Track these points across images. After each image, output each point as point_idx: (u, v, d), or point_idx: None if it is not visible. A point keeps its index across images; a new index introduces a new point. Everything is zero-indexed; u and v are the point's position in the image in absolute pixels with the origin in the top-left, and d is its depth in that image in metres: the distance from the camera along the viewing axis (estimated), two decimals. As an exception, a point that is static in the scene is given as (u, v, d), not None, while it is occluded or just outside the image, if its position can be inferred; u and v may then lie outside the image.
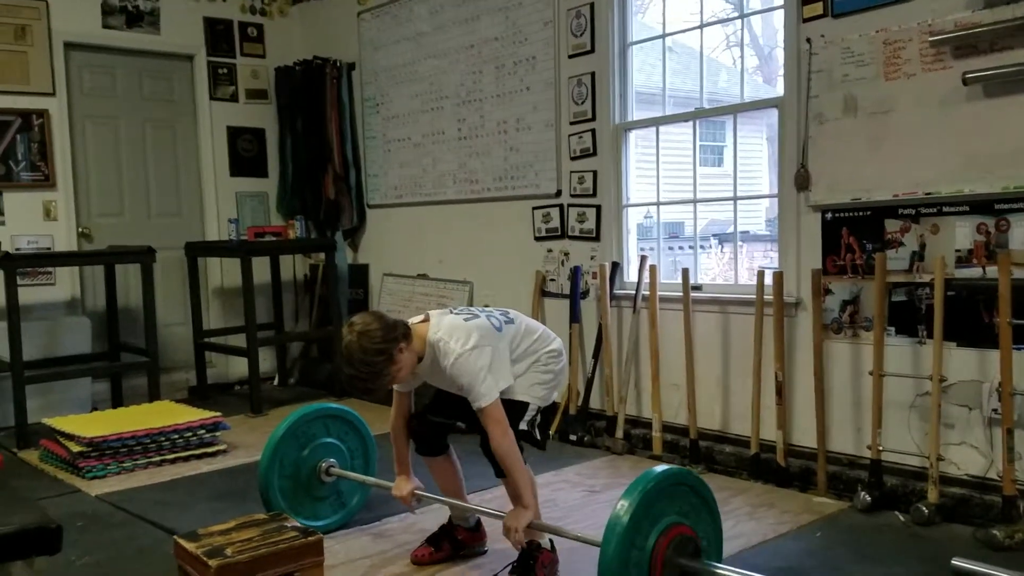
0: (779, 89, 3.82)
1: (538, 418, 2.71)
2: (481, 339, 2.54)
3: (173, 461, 4.14)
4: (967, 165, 3.12)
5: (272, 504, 3.01)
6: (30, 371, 4.58)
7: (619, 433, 4.21)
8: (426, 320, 2.64)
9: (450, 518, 2.91)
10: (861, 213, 3.43)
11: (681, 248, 7.67)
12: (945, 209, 3.20)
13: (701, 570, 2.21)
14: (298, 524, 2.12)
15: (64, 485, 3.87)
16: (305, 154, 6.09)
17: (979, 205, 3.11)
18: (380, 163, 5.86)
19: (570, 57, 4.49)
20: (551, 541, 2.69)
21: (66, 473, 4.02)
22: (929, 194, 3.22)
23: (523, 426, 2.64)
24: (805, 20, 3.54)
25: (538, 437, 2.70)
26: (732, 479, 3.71)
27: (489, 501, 3.27)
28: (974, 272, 3.13)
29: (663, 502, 2.22)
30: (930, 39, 3.16)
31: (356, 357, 2.42)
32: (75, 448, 3.99)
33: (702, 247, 6.29)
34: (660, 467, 2.28)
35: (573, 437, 4.35)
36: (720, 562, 2.35)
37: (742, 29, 4.34)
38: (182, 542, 2.04)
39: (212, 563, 1.90)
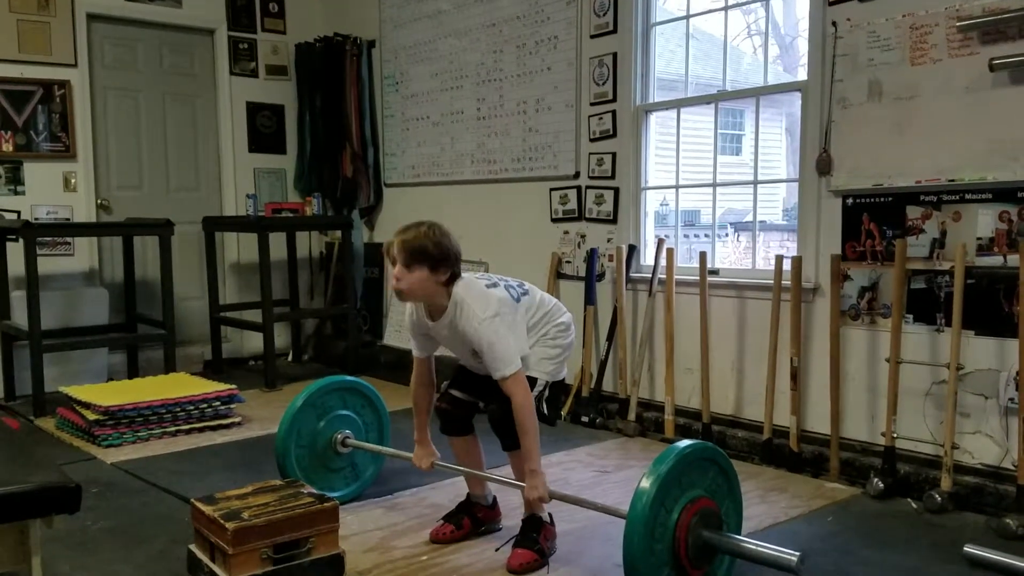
0: (800, 76, 3.79)
1: (546, 392, 2.70)
2: (501, 307, 2.55)
3: (188, 432, 4.18)
4: (991, 152, 3.09)
5: (288, 472, 3.04)
6: (48, 340, 4.63)
7: (631, 416, 4.21)
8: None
9: (468, 496, 2.91)
10: (882, 199, 3.40)
11: (697, 236, 7.65)
12: (967, 196, 3.17)
13: (724, 541, 2.24)
14: (314, 490, 2.13)
15: (80, 452, 3.91)
16: (323, 131, 6.09)
17: (1002, 193, 3.08)
18: (398, 142, 5.86)
19: (592, 37, 4.47)
20: (550, 516, 2.69)
21: (82, 441, 4.06)
22: (952, 181, 3.19)
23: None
24: (831, 3, 3.50)
25: (546, 412, 2.70)
26: (744, 463, 3.71)
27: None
28: (995, 260, 3.11)
29: (693, 474, 2.26)
30: (958, 24, 3.12)
31: (416, 230, 2.55)
32: (91, 416, 4.03)
33: (718, 235, 6.26)
34: (690, 441, 2.32)
35: (585, 419, 4.35)
36: None
37: (767, 13, 4.30)
38: (199, 505, 2.06)
39: (229, 525, 1.92)
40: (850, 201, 3.50)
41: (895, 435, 3.28)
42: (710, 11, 4.19)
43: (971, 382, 3.17)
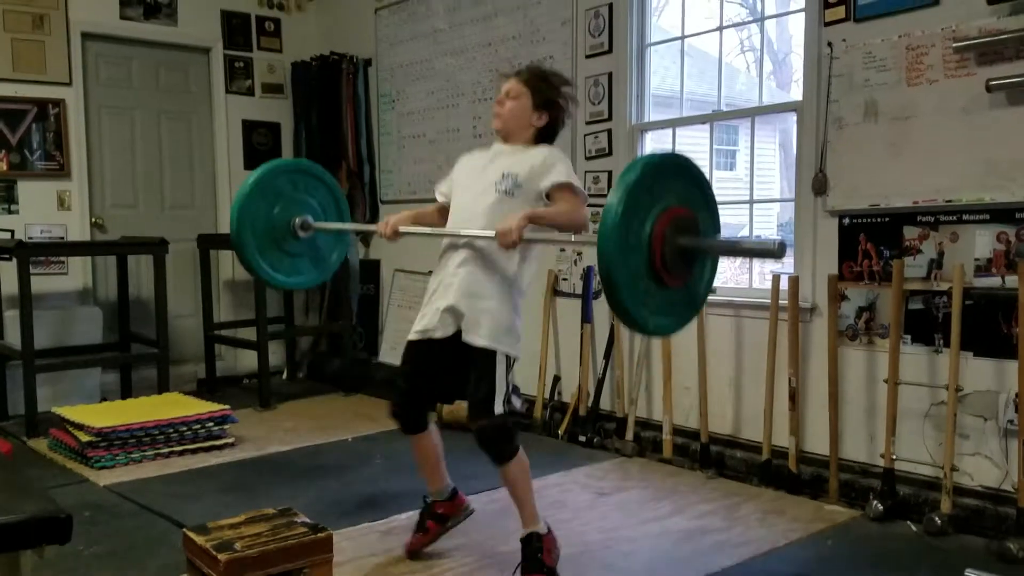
0: (794, 94, 3.79)
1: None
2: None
3: (181, 453, 4.14)
4: (988, 173, 3.09)
5: (252, 265, 3.04)
6: (41, 360, 4.59)
7: (629, 435, 4.18)
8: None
9: (425, 498, 2.91)
10: (879, 219, 3.40)
11: (693, 252, 7.62)
12: (965, 217, 3.17)
13: (701, 243, 2.24)
14: (307, 520, 2.10)
15: (72, 474, 3.88)
16: (320, 149, 6.08)
17: (1000, 213, 3.08)
18: (394, 159, 5.85)
19: (587, 57, 4.48)
20: (547, 524, 2.66)
21: (74, 463, 4.02)
22: (949, 201, 3.19)
23: (504, 406, 2.59)
24: (827, 24, 3.51)
25: (519, 408, 2.67)
26: (743, 485, 3.69)
27: (496, 501, 3.26)
28: (993, 281, 3.10)
29: (664, 183, 2.20)
30: (954, 45, 3.12)
31: (544, 69, 2.79)
32: (84, 438, 3.99)
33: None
34: (659, 151, 2.26)
35: (583, 438, 4.33)
36: None
37: (762, 32, 4.32)
38: (191, 535, 2.04)
39: (221, 557, 1.89)
40: (847, 221, 3.50)
41: (894, 457, 3.26)
42: (705, 32, 4.20)
43: (970, 403, 3.16)
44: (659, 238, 2.16)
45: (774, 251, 2.12)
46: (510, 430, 2.58)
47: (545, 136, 2.74)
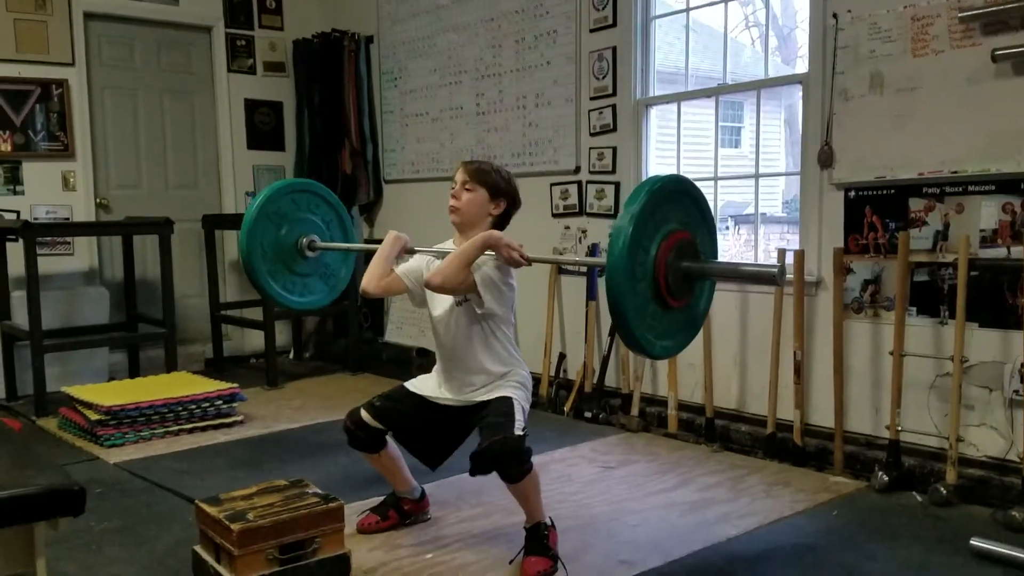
0: (799, 69, 3.77)
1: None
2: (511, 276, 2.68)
3: (190, 431, 4.17)
4: (994, 143, 3.08)
5: (266, 289, 3.10)
6: (49, 340, 4.62)
7: (634, 411, 4.20)
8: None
9: (394, 492, 2.94)
10: (885, 191, 3.39)
11: (697, 229, 7.61)
12: (970, 188, 3.16)
13: (703, 268, 2.30)
14: (318, 491, 2.12)
15: (83, 452, 3.91)
16: (322, 128, 6.07)
17: (1005, 184, 3.07)
18: (397, 138, 5.84)
19: (591, 31, 4.45)
20: (551, 519, 2.67)
21: (84, 441, 4.05)
22: (955, 173, 3.18)
23: (522, 431, 2.56)
24: (832, -5, 3.49)
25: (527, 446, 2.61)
26: (747, 458, 3.71)
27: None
28: (999, 252, 3.10)
29: (665, 208, 2.26)
30: (959, 15, 3.11)
31: (486, 162, 2.78)
32: (93, 416, 4.02)
33: (719, 229, 6.26)
34: (659, 175, 2.33)
35: (588, 415, 4.35)
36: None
37: (767, 7, 4.28)
38: (204, 507, 2.05)
39: (234, 527, 1.91)
40: (852, 194, 3.49)
41: (899, 428, 3.27)
42: (710, 3, 4.17)
43: (975, 374, 3.17)
44: (663, 264, 2.21)
45: (774, 276, 2.20)
46: (527, 451, 2.51)
47: (501, 224, 2.73)
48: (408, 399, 2.81)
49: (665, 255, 2.22)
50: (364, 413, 2.77)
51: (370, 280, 2.80)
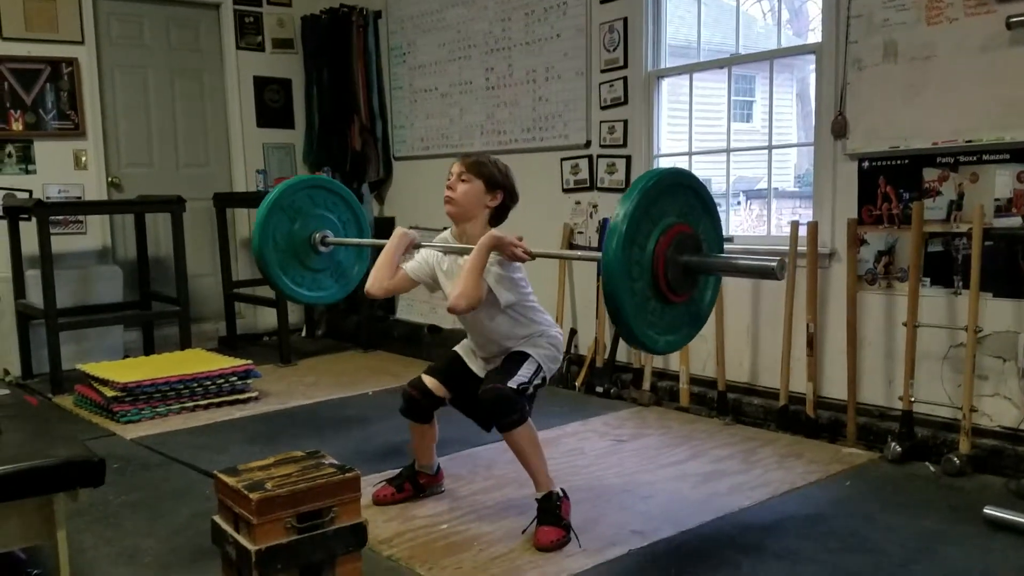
0: (811, 40, 3.74)
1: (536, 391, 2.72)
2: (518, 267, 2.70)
3: (206, 407, 4.21)
4: (1008, 112, 3.05)
5: (274, 280, 3.13)
6: (63, 318, 4.65)
7: (646, 385, 4.21)
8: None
9: (414, 464, 2.97)
10: (899, 161, 3.37)
11: (708, 204, 7.58)
12: (985, 157, 3.14)
13: (701, 262, 2.28)
14: (335, 461, 2.14)
15: (99, 429, 3.95)
16: (331, 105, 6.06)
17: (1020, 153, 3.05)
18: (406, 114, 5.83)
19: (602, 2, 4.42)
20: (563, 490, 2.69)
21: (100, 417, 4.09)
22: (969, 142, 3.16)
23: (517, 386, 2.62)
24: (845, -37, 3.45)
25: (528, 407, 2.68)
26: (760, 430, 3.72)
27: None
28: (1013, 221, 3.08)
29: (663, 203, 2.24)
30: (975, -19, 3.07)
31: (483, 155, 2.76)
32: (109, 393, 4.05)
33: (731, 203, 6.23)
34: (656, 170, 2.31)
35: (600, 389, 4.36)
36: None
37: (778, -25, 4.24)
38: (223, 477, 2.07)
39: (253, 496, 1.93)
40: (866, 164, 3.47)
41: (912, 399, 3.27)
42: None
43: (989, 345, 3.16)
44: (661, 260, 2.20)
45: (773, 271, 2.19)
46: (516, 401, 2.57)
47: (498, 217, 2.74)
48: (459, 364, 2.86)
49: (664, 251, 2.21)
50: (430, 380, 2.82)
51: (374, 282, 2.82)
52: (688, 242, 2.28)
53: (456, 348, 2.93)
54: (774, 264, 2.20)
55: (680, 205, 2.30)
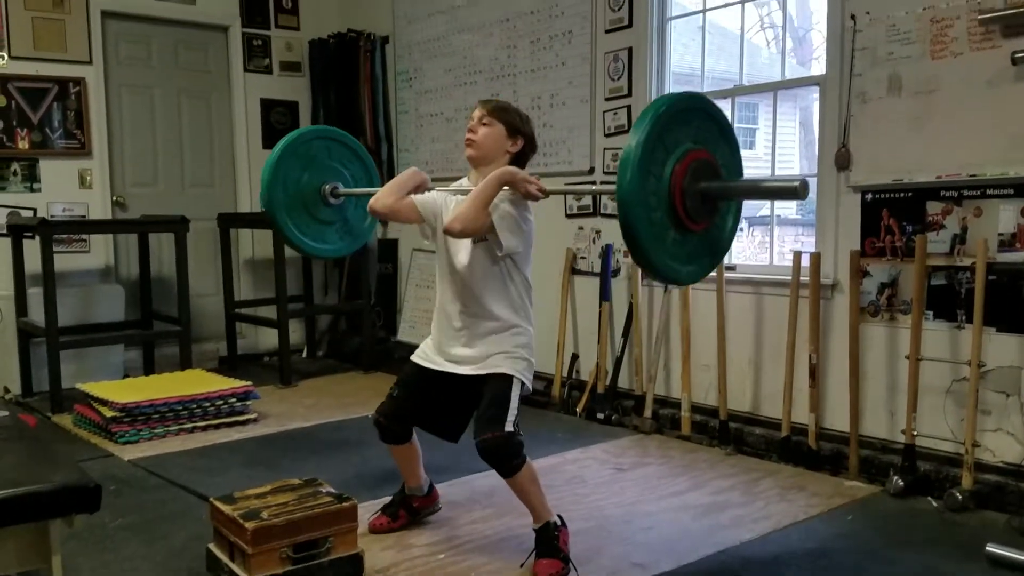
0: (815, 71, 3.75)
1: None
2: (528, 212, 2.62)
3: (204, 428, 4.19)
4: (1013, 147, 3.06)
5: (280, 224, 3.06)
6: (64, 337, 4.64)
7: (647, 412, 4.19)
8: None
9: (404, 489, 2.93)
10: (902, 194, 3.37)
11: (711, 230, 7.58)
12: (989, 191, 3.13)
13: (720, 188, 2.20)
14: (332, 490, 2.13)
15: (97, 449, 3.93)
16: (337, 127, 6.07)
17: (1024, 188, 3.05)
18: (412, 138, 5.85)
19: (607, 32, 4.45)
20: (560, 517, 2.66)
21: (99, 438, 4.08)
22: (973, 176, 3.16)
23: (513, 426, 2.55)
24: (850, -4, 3.47)
25: (520, 434, 2.60)
26: (762, 461, 3.69)
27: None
28: (1017, 256, 3.07)
29: (675, 131, 2.16)
30: (979, 17, 3.08)
31: (507, 102, 2.75)
32: (108, 413, 4.04)
33: (733, 229, 6.23)
34: (665, 96, 2.23)
35: (601, 416, 4.34)
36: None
37: (784, 8, 4.26)
38: (218, 504, 2.06)
39: (249, 525, 1.92)
40: (869, 196, 3.47)
41: (915, 433, 3.25)
42: (727, 4, 4.15)
43: (992, 379, 3.14)
44: (678, 189, 2.11)
45: (796, 190, 2.09)
46: (517, 445, 2.53)
47: (517, 164, 2.70)
48: (419, 377, 2.79)
49: (680, 179, 2.12)
50: (392, 406, 2.79)
51: (377, 199, 2.74)
52: (705, 168, 2.19)
53: (414, 358, 2.83)
54: (796, 184, 2.11)
55: (695, 131, 2.21)
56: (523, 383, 2.64)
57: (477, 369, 2.66)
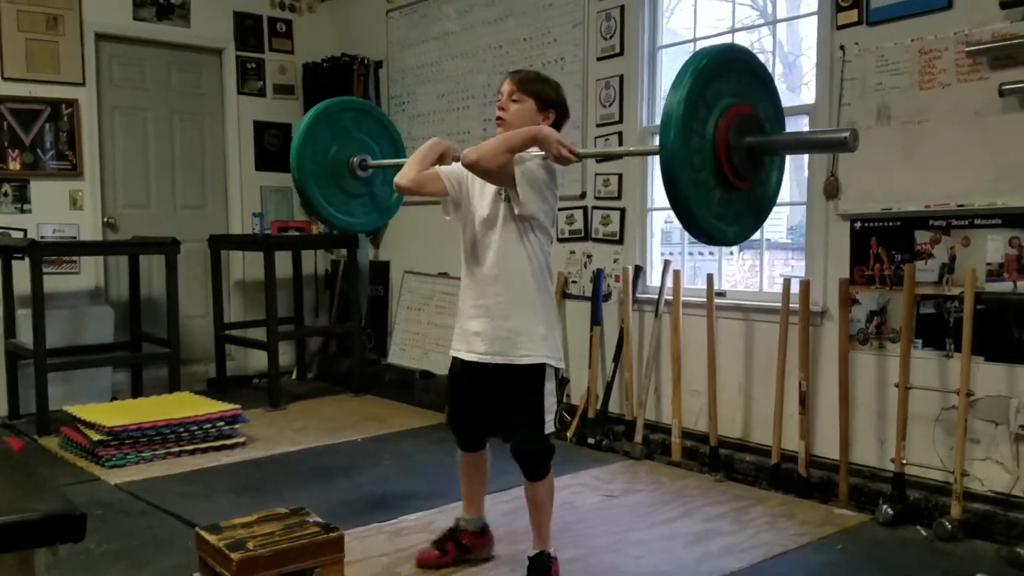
0: (805, 97, 3.78)
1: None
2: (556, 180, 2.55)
3: (192, 452, 4.16)
4: (1001, 177, 3.08)
5: (307, 192, 3.03)
6: (53, 359, 4.61)
7: (638, 438, 4.18)
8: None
9: (457, 521, 2.86)
10: (891, 223, 3.39)
11: (702, 254, 7.61)
12: (977, 221, 3.16)
13: (767, 142, 2.13)
14: (319, 519, 2.11)
15: (83, 473, 3.90)
16: (330, 150, 6.09)
17: (1012, 218, 3.07)
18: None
19: (599, 59, 4.48)
20: (554, 550, 2.64)
21: (85, 461, 4.04)
22: (961, 206, 3.18)
23: (555, 424, 2.57)
24: (839, 27, 3.51)
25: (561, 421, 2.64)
26: (752, 488, 3.68)
27: (508, 502, 3.27)
28: (1005, 286, 3.09)
29: (716, 85, 2.08)
30: (967, 49, 3.12)
31: (536, 72, 2.68)
32: (95, 436, 4.01)
33: (724, 254, 6.24)
34: (705, 50, 2.13)
35: (591, 441, 4.33)
36: None
37: (773, 36, 4.31)
38: (204, 534, 2.05)
39: (234, 556, 1.90)
40: (858, 225, 3.49)
41: (904, 461, 3.25)
42: (717, 34, 4.19)
43: (981, 408, 3.15)
44: (723, 145, 2.04)
45: (846, 140, 2.02)
46: (550, 454, 2.56)
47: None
48: (460, 374, 2.70)
49: (724, 135, 2.04)
50: (457, 421, 2.77)
51: (402, 175, 2.68)
52: (749, 122, 2.13)
53: (452, 352, 2.71)
54: (846, 134, 2.04)
55: (735, 84, 2.14)
56: (556, 369, 2.58)
57: (505, 357, 2.56)
